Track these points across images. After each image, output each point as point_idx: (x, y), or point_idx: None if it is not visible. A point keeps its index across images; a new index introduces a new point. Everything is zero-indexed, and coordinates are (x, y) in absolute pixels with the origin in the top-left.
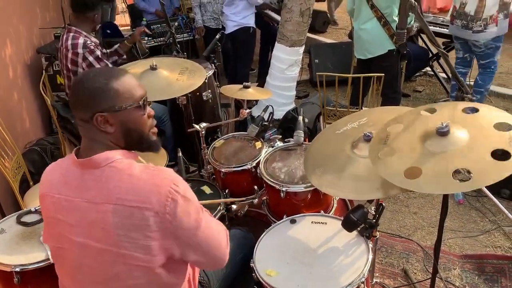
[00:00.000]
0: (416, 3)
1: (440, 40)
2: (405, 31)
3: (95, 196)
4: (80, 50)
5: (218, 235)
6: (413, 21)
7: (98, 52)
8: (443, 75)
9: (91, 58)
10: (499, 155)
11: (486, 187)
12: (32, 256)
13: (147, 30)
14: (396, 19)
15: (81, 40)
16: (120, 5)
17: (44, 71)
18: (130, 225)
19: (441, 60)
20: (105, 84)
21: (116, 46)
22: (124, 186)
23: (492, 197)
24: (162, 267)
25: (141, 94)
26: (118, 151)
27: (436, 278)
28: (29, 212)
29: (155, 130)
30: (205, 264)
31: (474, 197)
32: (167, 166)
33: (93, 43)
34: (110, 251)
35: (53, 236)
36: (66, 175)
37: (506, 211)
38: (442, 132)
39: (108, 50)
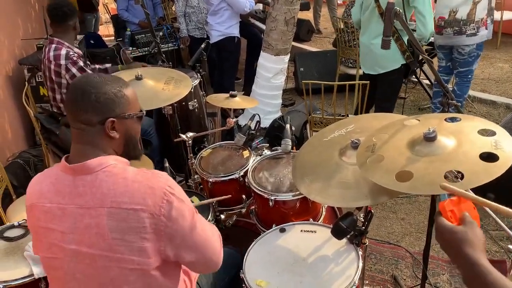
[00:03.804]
0: (400, 10)
1: (423, 47)
2: (390, 38)
3: (89, 201)
4: (62, 62)
5: (212, 237)
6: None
7: (81, 63)
8: (427, 81)
9: (74, 70)
10: (485, 157)
11: (472, 190)
12: (16, 272)
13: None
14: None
15: (63, 51)
16: (104, 16)
17: (26, 83)
18: (126, 228)
19: (424, 67)
20: (119, 91)
21: (108, 66)
22: (119, 189)
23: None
24: (157, 269)
25: (140, 106)
26: (111, 157)
27: (426, 283)
28: (12, 226)
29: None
30: (200, 267)
31: None
32: None
33: (75, 54)
34: (104, 256)
35: (44, 246)
36: (56, 183)
37: (494, 215)
38: (430, 138)
39: (97, 66)
